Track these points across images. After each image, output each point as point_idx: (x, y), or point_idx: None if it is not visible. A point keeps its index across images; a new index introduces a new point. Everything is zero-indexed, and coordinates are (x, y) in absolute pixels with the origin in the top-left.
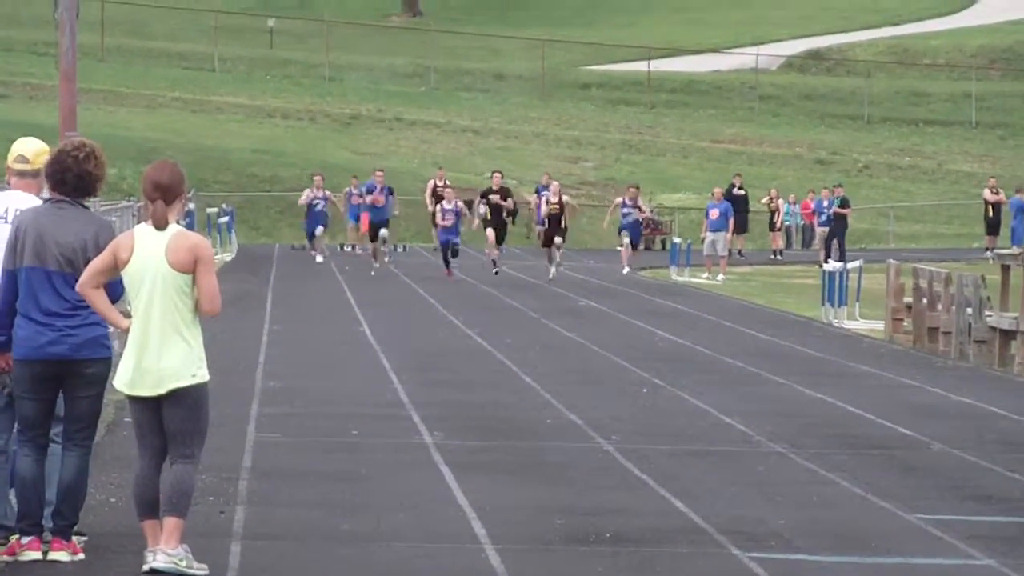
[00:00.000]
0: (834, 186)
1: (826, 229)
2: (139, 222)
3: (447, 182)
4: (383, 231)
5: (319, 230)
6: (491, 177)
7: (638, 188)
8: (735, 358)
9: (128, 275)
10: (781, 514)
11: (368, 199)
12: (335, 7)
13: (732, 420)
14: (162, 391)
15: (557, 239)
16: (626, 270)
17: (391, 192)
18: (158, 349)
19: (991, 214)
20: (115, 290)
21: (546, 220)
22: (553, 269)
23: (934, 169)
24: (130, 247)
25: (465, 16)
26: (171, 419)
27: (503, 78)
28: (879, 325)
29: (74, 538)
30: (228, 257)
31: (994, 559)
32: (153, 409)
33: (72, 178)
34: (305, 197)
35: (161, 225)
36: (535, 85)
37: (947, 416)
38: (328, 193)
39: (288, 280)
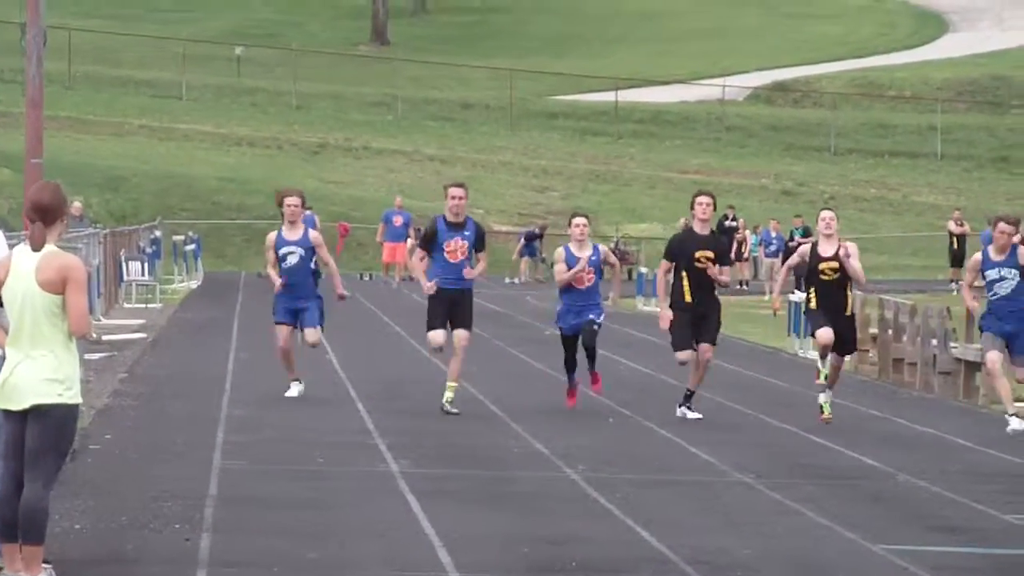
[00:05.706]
0: (794, 216)
1: (775, 260)
2: (104, 249)
3: (580, 217)
4: (460, 332)
5: (285, 328)
6: (693, 207)
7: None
8: (701, 388)
9: (4, 293)
10: (746, 544)
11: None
12: (303, 36)
13: (698, 450)
14: (24, 406)
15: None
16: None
17: (480, 241)
18: (25, 365)
19: (956, 246)
20: None
21: (814, 288)
22: (825, 399)
23: (899, 201)
24: (6, 267)
25: (433, 45)
26: (30, 436)
27: (470, 107)
28: None
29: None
30: (194, 285)
31: None
32: (22, 426)
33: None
34: (270, 242)
35: (36, 246)
36: (502, 115)
37: (912, 447)
38: (315, 235)
39: (254, 308)
